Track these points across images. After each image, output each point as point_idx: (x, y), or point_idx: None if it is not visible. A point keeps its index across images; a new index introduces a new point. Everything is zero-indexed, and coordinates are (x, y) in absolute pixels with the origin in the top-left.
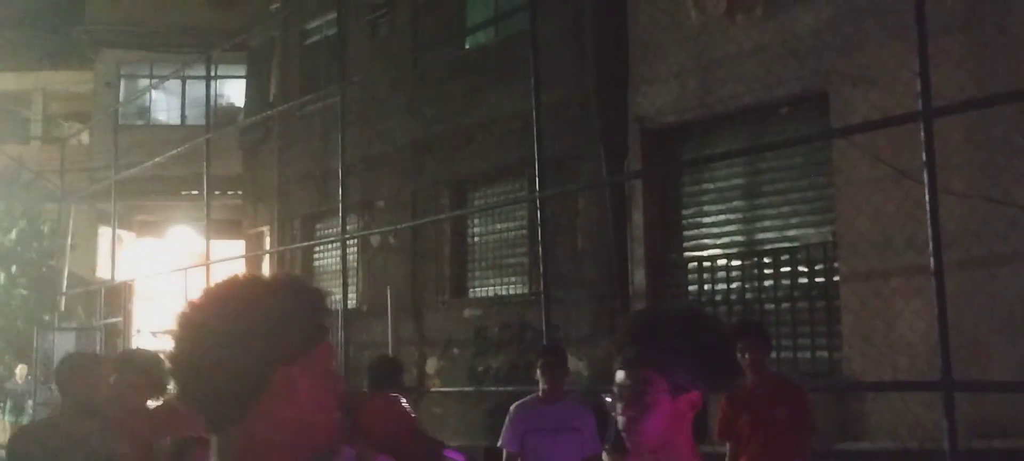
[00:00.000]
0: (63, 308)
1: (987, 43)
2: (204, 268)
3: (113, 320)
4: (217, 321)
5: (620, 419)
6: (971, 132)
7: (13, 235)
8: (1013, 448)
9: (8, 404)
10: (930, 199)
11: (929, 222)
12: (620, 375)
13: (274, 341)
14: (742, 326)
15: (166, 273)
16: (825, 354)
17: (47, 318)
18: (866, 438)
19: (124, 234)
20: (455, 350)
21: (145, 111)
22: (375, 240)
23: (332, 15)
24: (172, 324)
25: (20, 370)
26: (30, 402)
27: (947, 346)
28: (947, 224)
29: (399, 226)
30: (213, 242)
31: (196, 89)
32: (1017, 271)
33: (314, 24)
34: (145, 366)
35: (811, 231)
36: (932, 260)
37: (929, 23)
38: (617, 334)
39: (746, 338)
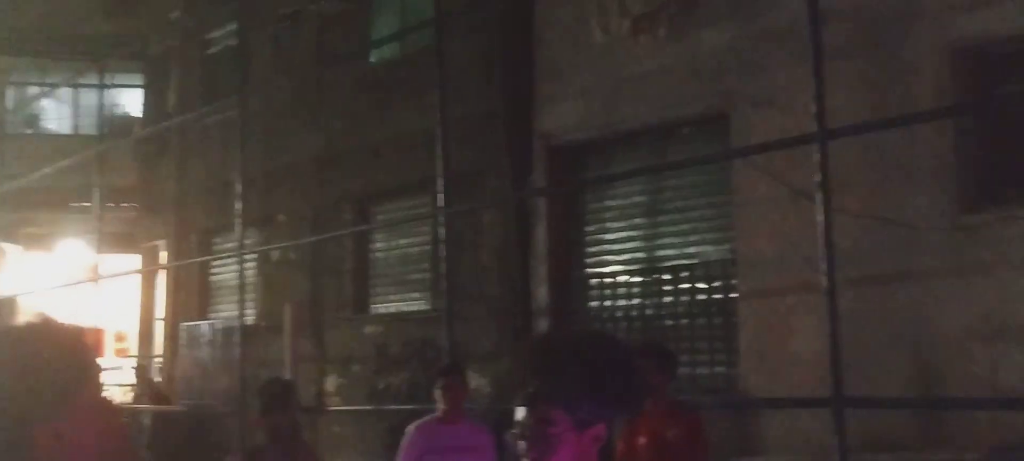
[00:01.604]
0: None
1: (881, 68)
2: (94, 283)
3: None
4: None
5: (524, 460)
6: (865, 154)
7: None
8: None
9: None
10: (824, 219)
11: (823, 241)
12: (521, 412)
13: (35, 401)
14: (643, 348)
15: (55, 288)
16: (723, 370)
17: None
18: (762, 454)
19: (10, 247)
20: (355, 367)
21: (34, 119)
22: (275, 255)
23: (234, 25)
24: None
25: None
26: None
27: (838, 363)
28: (841, 243)
29: (300, 241)
30: (106, 256)
31: (90, 98)
32: (908, 289)
33: (216, 34)
34: None
35: (711, 249)
36: (825, 278)
37: (825, 48)
38: (516, 366)
39: (645, 360)
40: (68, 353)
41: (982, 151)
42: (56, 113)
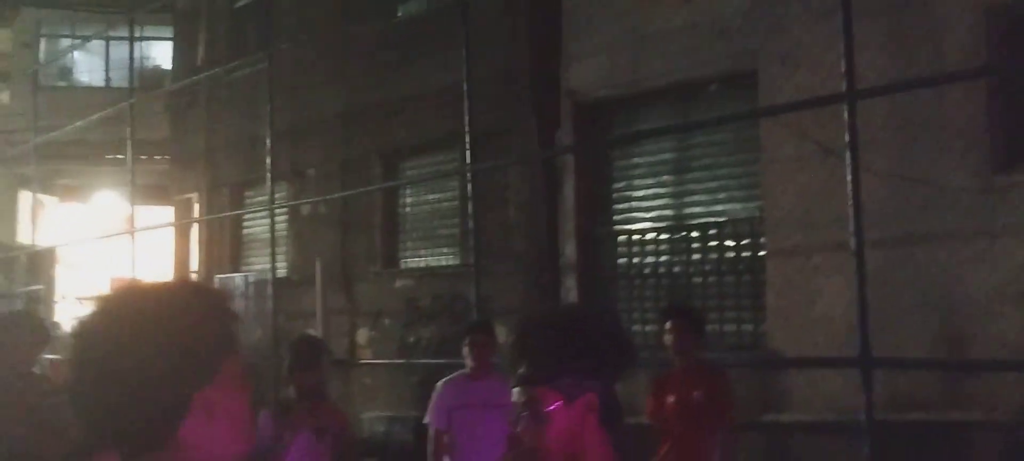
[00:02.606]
0: None
1: (912, 26)
2: (130, 235)
3: (35, 287)
4: (125, 349)
5: (523, 437)
6: (893, 113)
7: None
8: (927, 421)
9: None
10: (852, 178)
11: (851, 201)
12: (515, 393)
13: (190, 366)
14: (672, 309)
15: (91, 239)
16: (750, 328)
17: None
18: (787, 411)
19: (46, 199)
20: (386, 321)
21: (67, 72)
22: (306, 209)
23: None
24: (68, 347)
25: None
26: None
27: (866, 323)
28: (868, 203)
29: (329, 196)
30: (140, 208)
31: (121, 50)
32: (936, 250)
33: None
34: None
35: (738, 207)
36: (853, 238)
37: (854, 6)
38: (510, 350)
39: (674, 320)
40: (218, 317)
41: (1013, 111)
42: (88, 66)
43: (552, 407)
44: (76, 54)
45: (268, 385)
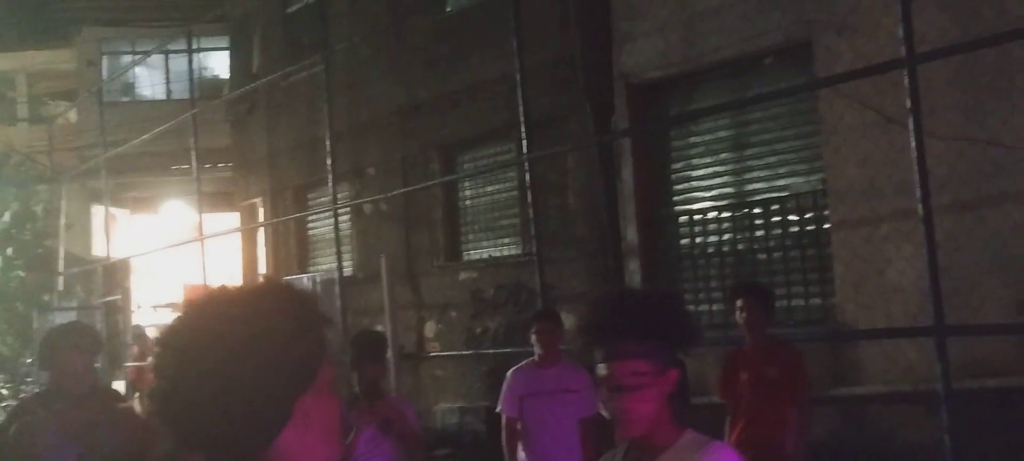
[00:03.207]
0: (62, 288)
1: None
2: (199, 242)
3: (112, 298)
4: (220, 355)
5: (609, 409)
6: (956, 75)
7: (7, 218)
8: (1005, 387)
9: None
10: (916, 144)
11: (916, 167)
12: (603, 368)
13: (291, 373)
14: (742, 287)
15: (162, 248)
16: (818, 301)
17: (46, 298)
18: (861, 384)
19: (117, 211)
20: (452, 313)
21: (129, 87)
22: (368, 208)
23: None
24: (155, 354)
25: None
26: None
27: (938, 291)
28: (935, 168)
29: (390, 193)
30: (207, 215)
31: (180, 63)
32: (1005, 212)
33: None
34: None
35: (800, 180)
36: (920, 205)
37: None
38: (586, 327)
39: (746, 298)
40: (312, 321)
41: None
42: (149, 80)
43: (644, 381)
44: (137, 69)
45: (342, 384)
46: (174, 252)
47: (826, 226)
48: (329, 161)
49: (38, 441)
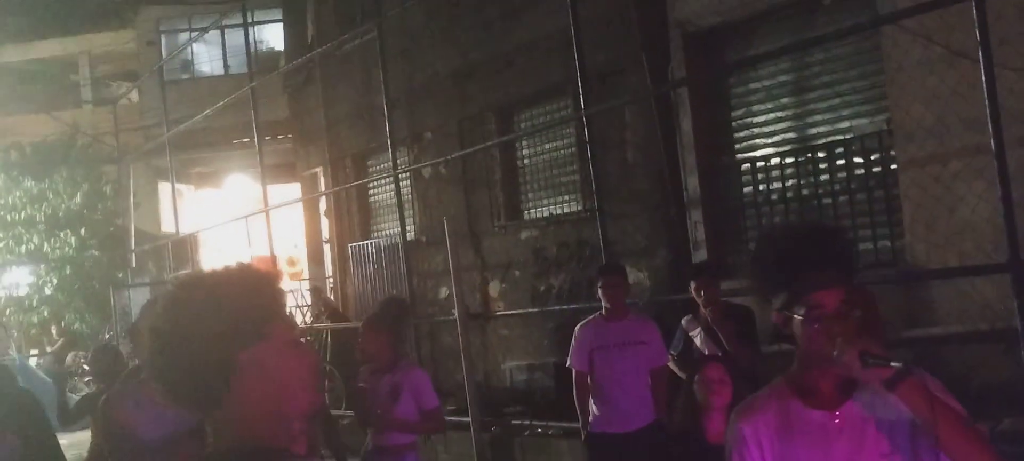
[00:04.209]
0: (134, 265)
1: None
2: (263, 214)
3: (183, 272)
4: (181, 320)
5: (849, 355)
6: None
7: (78, 199)
8: None
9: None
10: (987, 78)
11: (987, 101)
12: (817, 299)
13: (232, 328)
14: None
15: (227, 222)
16: (887, 244)
17: (120, 276)
18: (936, 324)
19: (183, 187)
20: (516, 272)
21: (188, 65)
22: (427, 172)
23: None
24: (148, 327)
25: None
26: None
27: (1013, 226)
28: (1006, 101)
29: (448, 157)
30: (270, 187)
31: (236, 37)
32: None
33: None
34: None
35: (865, 121)
36: (992, 141)
37: None
38: (780, 260)
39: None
40: (258, 292)
41: None
42: (207, 56)
43: (862, 307)
44: (195, 46)
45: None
46: (240, 225)
47: (893, 167)
48: (387, 127)
49: (119, 409)
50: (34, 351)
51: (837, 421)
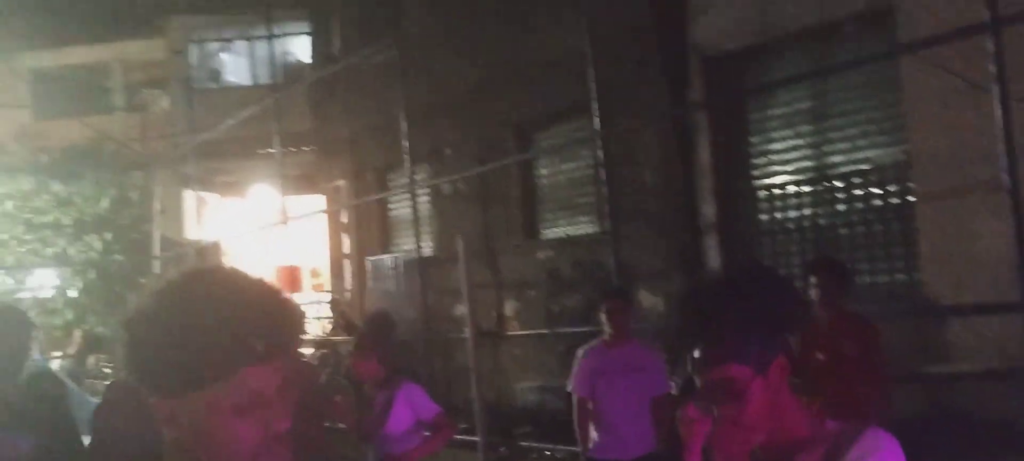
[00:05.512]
0: (157, 270)
1: None
2: (284, 224)
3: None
4: (161, 318)
5: (716, 422)
6: None
7: (105, 204)
8: None
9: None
10: (1002, 111)
11: (1002, 136)
12: (697, 380)
13: (224, 339)
14: (815, 263)
15: (250, 231)
16: (903, 277)
17: (144, 281)
18: (948, 361)
19: (207, 196)
20: (530, 292)
21: (216, 74)
22: (445, 188)
23: None
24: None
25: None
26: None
27: None
28: (1022, 136)
29: (466, 173)
30: (292, 197)
31: (264, 49)
32: None
33: None
34: None
35: (883, 152)
36: (1005, 176)
37: None
38: (678, 333)
39: (819, 274)
40: (260, 303)
41: None
42: (234, 66)
43: (746, 384)
44: (224, 56)
45: (420, 360)
46: (262, 234)
47: (910, 199)
48: (405, 143)
49: (114, 416)
50: (57, 353)
51: None
